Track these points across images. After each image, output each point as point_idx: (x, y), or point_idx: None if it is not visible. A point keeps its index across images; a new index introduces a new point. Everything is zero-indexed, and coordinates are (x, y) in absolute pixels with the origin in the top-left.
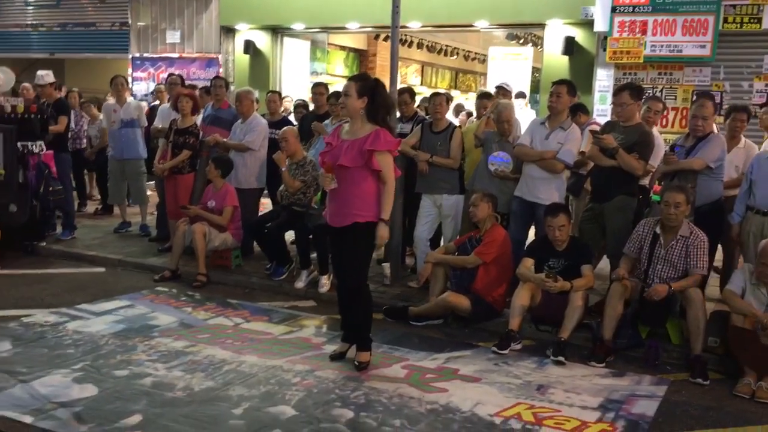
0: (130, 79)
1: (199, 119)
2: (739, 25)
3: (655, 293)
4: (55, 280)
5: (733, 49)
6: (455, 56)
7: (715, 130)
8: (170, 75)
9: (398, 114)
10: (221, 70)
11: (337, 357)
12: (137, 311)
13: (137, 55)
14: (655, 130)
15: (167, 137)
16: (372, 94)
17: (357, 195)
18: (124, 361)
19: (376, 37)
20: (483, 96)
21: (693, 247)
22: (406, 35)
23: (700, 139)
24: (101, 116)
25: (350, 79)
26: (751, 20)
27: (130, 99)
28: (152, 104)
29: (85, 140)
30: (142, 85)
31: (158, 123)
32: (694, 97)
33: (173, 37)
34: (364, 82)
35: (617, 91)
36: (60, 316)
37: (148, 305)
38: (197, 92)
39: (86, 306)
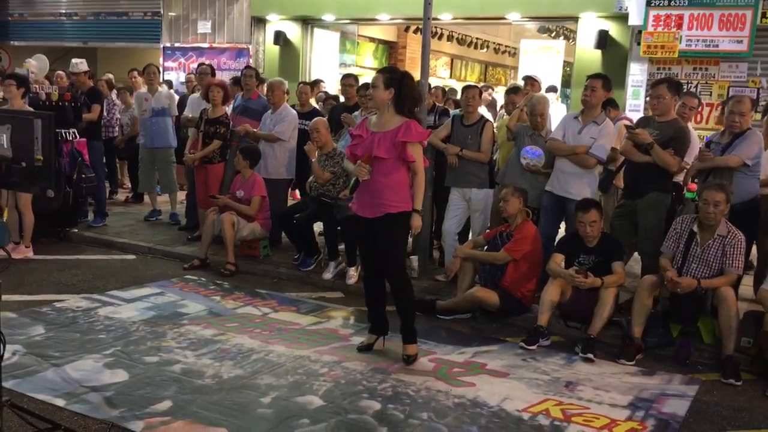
0: (161, 69)
1: (229, 109)
2: None
3: (681, 286)
4: (86, 266)
5: None
6: (485, 49)
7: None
8: (200, 65)
9: None
10: (251, 60)
11: (365, 348)
12: (167, 299)
13: (168, 44)
14: (690, 126)
15: (198, 127)
16: (399, 85)
17: (389, 186)
18: (154, 348)
19: (407, 29)
20: (512, 90)
21: (730, 246)
22: (436, 27)
23: (736, 135)
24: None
25: (378, 71)
26: None
27: (161, 88)
28: (182, 94)
29: (117, 128)
30: (172, 75)
31: (188, 112)
32: (730, 94)
33: (204, 27)
34: (392, 74)
35: (655, 84)
36: (92, 302)
37: (177, 293)
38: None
39: (117, 292)
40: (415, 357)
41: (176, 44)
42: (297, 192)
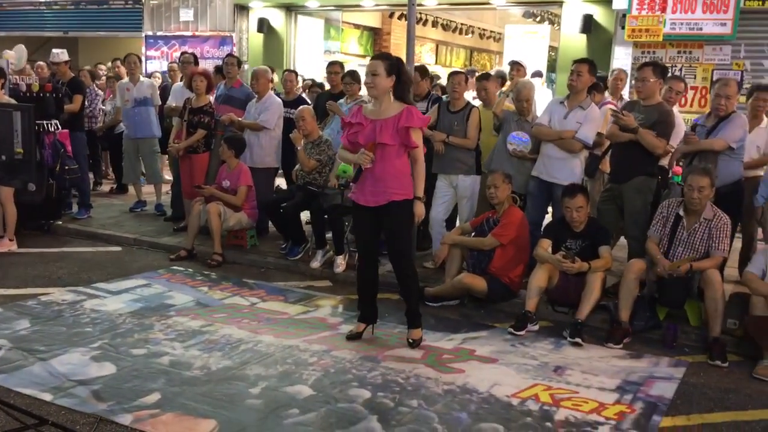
0: (143, 58)
1: (212, 98)
2: (761, 2)
3: (677, 272)
4: (71, 258)
5: (755, 27)
6: (470, 35)
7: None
8: (183, 53)
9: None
10: (235, 48)
11: (354, 337)
12: (153, 290)
13: (150, 33)
14: (675, 109)
15: (182, 116)
16: (398, 72)
17: (392, 173)
18: (141, 340)
19: (391, 15)
20: (482, 77)
21: (716, 229)
22: (421, 13)
23: (722, 118)
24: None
25: (376, 58)
26: None
27: (143, 78)
28: (165, 83)
29: (100, 119)
30: (155, 64)
31: (172, 102)
32: (715, 77)
33: (186, 15)
34: (391, 61)
35: (641, 67)
36: (77, 295)
37: (164, 284)
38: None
39: (103, 285)
40: (420, 341)
41: (158, 33)
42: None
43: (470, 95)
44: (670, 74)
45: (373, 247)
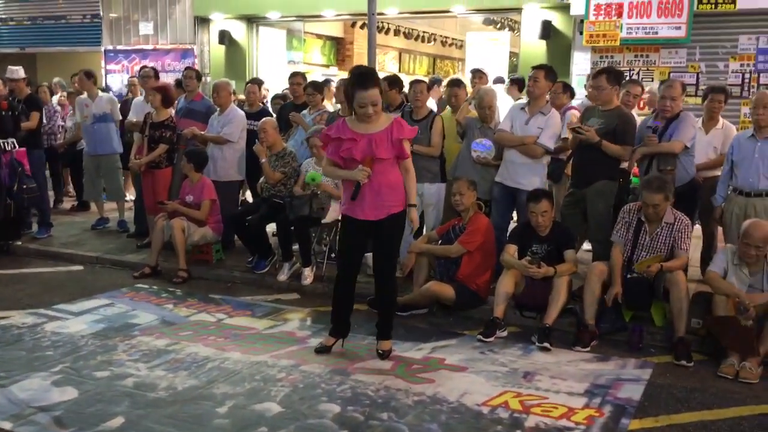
0: (103, 72)
1: (173, 112)
2: (713, 6)
3: (650, 273)
4: (31, 279)
5: (709, 30)
6: (433, 42)
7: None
8: (143, 68)
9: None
10: (197, 61)
11: (323, 350)
12: (117, 310)
13: (110, 47)
14: (634, 112)
15: (142, 131)
16: (380, 84)
17: (389, 186)
18: (104, 362)
19: (353, 24)
20: (453, 84)
21: (678, 231)
22: (383, 22)
23: (670, 119)
24: None
25: (372, 86)
26: (726, 1)
27: (102, 93)
28: (124, 98)
29: (60, 135)
30: (116, 78)
31: (132, 117)
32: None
33: (146, 28)
34: (380, 85)
35: (595, 75)
36: (38, 317)
37: (128, 303)
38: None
39: (64, 306)
40: (390, 352)
41: (118, 47)
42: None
43: (432, 103)
44: (627, 78)
45: (359, 262)
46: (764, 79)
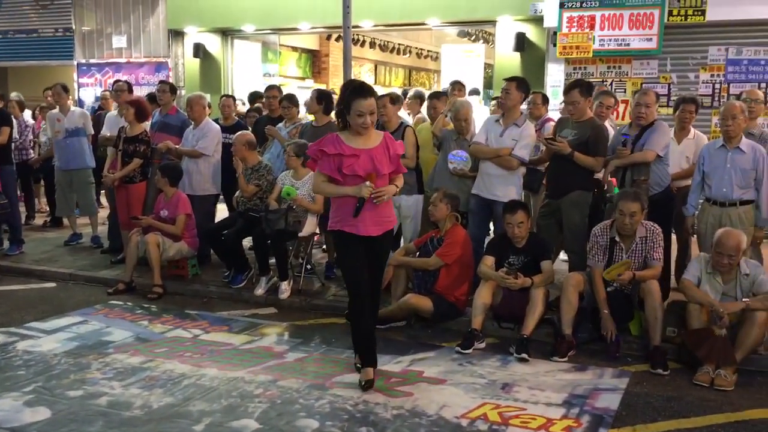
0: (75, 86)
1: (148, 126)
2: (683, 18)
3: (620, 280)
4: (2, 297)
5: (679, 42)
6: (408, 54)
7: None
8: (116, 81)
9: None
10: (171, 74)
11: (370, 385)
12: (90, 327)
13: (83, 61)
14: (608, 123)
15: (116, 146)
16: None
17: (388, 201)
18: (78, 381)
19: (329, 37)
20: (434, 96)
21: (650, 241)
22: (358, 35)
23: (644, 128)
24: None
25: (370, 95)
26: (696, 12)
27: (74, 107)
28: (97, 112)
29: (31, 151)
30: (89, 92)
31: (106, 131)
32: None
33: (119, 41)
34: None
35: (567, 90)
36: (9, 336)
37: (102, 320)
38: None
39: (36, 324)
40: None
41: (91, 60)
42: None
43: (405, 115)
44: (600, 89)
45: (369, 283)
46: (734, 89)
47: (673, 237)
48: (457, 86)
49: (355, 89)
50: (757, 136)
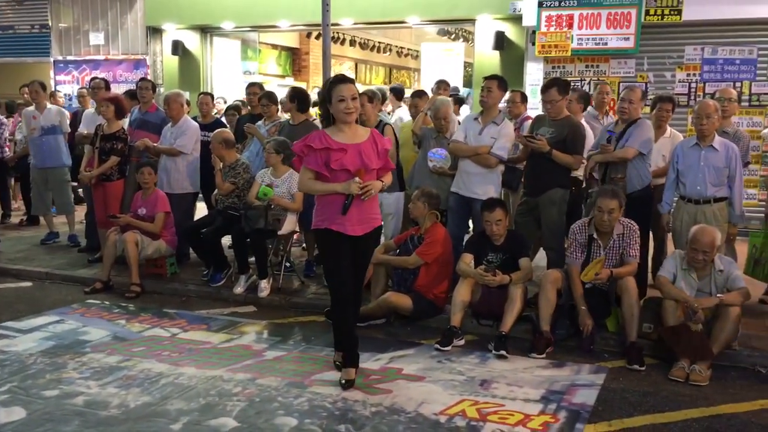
0: (52, 83)
1: (126, 123)
2: (660, 18)
3: (602, 280)
4: None
5: (656, 41)
6: (388, 53)
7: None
8: (93, 79)
9: None
10: (149, 71)
11: (351, 384)
12: (67, 326)
13: (60, 58)
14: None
15: (93, 143)
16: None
17: (374, 198)
18: (54, 381)
19: (309, 35)
20: (416, 95)
21: (627, 238)
22: (338, 33)
23: (629, 124)
24: None
25: (349, 81)
26: (672, 12)
27: (51, 105)
28: (75, 109)
29: (7, 148)
30: (66, 89)
31: (83, 129)
32: (621, 89)
33: (97, 38)
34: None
35: (545, 89)
36: None
37: (78, 319)
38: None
39: (12, 323)
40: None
41: (68, 57)
42: None
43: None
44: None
45: (352, 279)
46: (710, 88)
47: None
48: (443, 85)
49: (335, 79)
50: (731, 135)
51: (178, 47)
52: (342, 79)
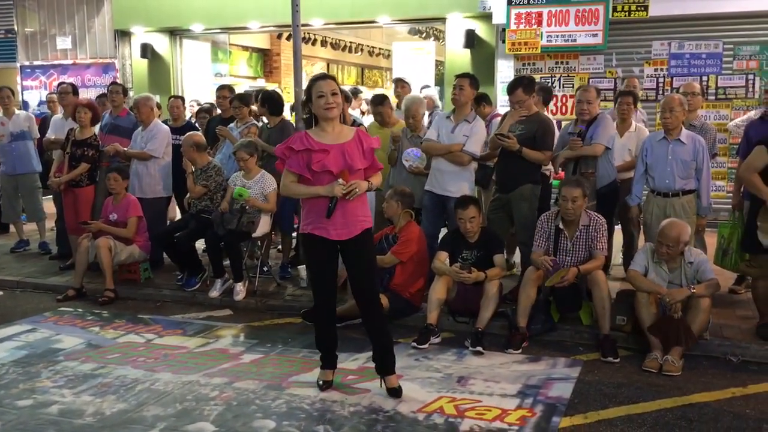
0: (19, 89)
1: (97, 128)
2: (627, 14)
3: (567, 278)
4: None
5: (623, 37)
6: (360, 53)
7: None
8: (60, 84)
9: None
10: (118, 75)
11: (327, 386)
12: (40, 335)
13: (26, 63)
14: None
15: (64, 149)
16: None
17: (361, 200)
18: (27, 390)
19: (279, 36)
20: (376, 102)
21: (594, 231)
22: (309, 33)
23: (589, 122)
24: None
25: (326, 77)
26: (639, 8)
27: (19, 111)
28: (43, 115)
29: None
30: (33, 94)
31: (51, 134)
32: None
33: (64, 43)
34: (337, 83)
35: (511, 90)
36: None
37: (51, 328)
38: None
39: None
40: (400, 388)
41: (35, 62)
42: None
43: (357, 113)
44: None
45: (336, 285)
46: (677, 83)
47: (618, 228)
48: (400, 83)
49: (314, 77)
50: (698, 128)
51: (147, 50)
52: (321, 76)
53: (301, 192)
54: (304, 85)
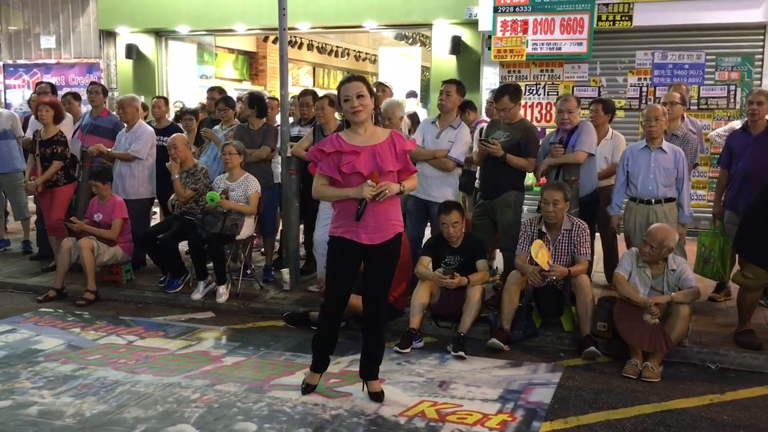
0: (2, 87)
1: (67, 127)
2: (611, 23)
3: (555, 274)
4: None
5: (608, 46)
6: (346, 57)
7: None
8: (39, 83)
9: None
10: (103, 75)
11: (310, 390)
12: (19, 336)
13: (9, 62)
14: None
15: (33, 151)
16: (372, 93)
17: (393, 203)
18: (6, 391)
19: (266, 39)
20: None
21: (576, 236)
22: (295, 37)
23: (570, 132)
24: None
25: (355, 79)
26: (623, 18)
27: (1, 110)
28: (26, 114)
29: None
30: (16, 94)
31: (29, 134)
32: (575, 93)
33: (48, 42)
34: (367, 82)
35: (497, 97)
36: None
37: (31, 328)
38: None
39: None
40: (382, 392)
41: (18, 61)
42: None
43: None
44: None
45: (350, 293)
46: (660, 92)
47: (597, 235)
48: (381, 87)
49: (342, 80)
50: (680, 138)
51: (132, 51)
52: (348, 78)
53: (331, 194)
54: (290, 88)
